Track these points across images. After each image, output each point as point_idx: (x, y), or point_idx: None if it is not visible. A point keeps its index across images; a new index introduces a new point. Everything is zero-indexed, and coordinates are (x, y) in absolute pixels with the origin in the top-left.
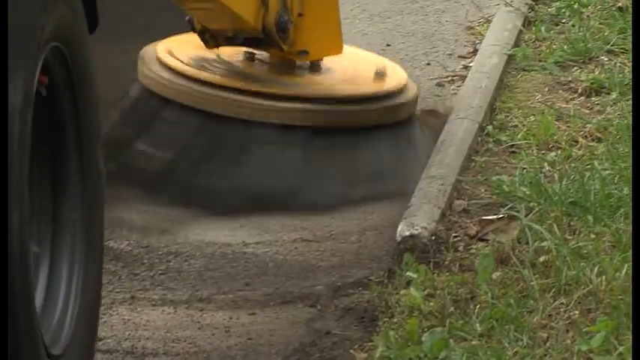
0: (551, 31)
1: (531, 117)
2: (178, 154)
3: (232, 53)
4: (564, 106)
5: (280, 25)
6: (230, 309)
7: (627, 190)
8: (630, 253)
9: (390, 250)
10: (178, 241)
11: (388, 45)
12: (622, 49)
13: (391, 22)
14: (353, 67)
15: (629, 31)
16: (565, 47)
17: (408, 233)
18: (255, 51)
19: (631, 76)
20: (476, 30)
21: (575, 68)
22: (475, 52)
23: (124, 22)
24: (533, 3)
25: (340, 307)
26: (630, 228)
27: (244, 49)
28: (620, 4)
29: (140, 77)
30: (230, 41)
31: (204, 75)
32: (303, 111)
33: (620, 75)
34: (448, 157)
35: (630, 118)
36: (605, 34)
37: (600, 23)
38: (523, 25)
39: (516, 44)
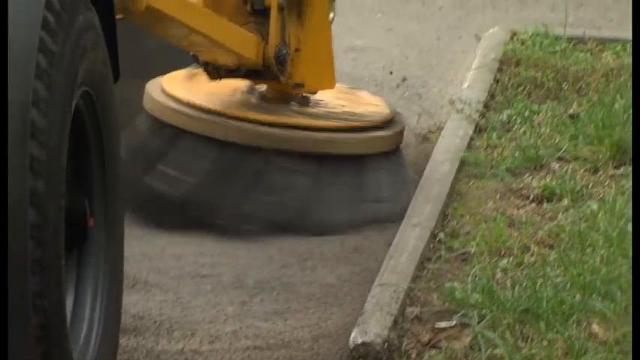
0: (503, 138)
1: (483, 224)
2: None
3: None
4: (516, 212)
5: (279, 58)
6: None
7: (579, 297)
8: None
9: (344, 358)
10: (128, 349)
11: None
12: (573, 155)
13: None
14: (344, 102)
15: (580, 138)
16: (516, 154)
17: (360, 341)
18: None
19: (582, 183)
20: (428, 137)
21: (527, 175)
22: (427, 158)
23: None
24: (485, 110)
25: None
26: (582, 334)
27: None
28: (571, 112)
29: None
30: (232, 73)
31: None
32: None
33: (572, 182)
34: (400, 265)
35: (582, 225)
36: (556, 141)
37: (551, 130)
38: (474, 132)
39: (468, 151)
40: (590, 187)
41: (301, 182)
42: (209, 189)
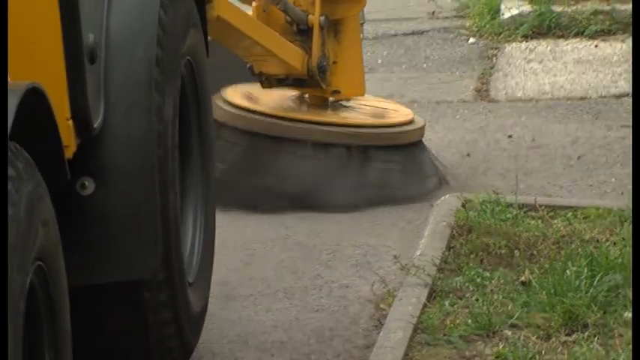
0: (455, 305)
1: None
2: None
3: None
4: None
5: (321, 68)
6: None
7: None
8: None
9: None
10: None
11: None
12: (526, 322)
13: (297, 298)
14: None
15: (533, 305)
16: (469, 321)
17: None
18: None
19: (535, 350)
20: (381, 304)
21: (480, 342)
22: (380, 326)
23: None
24: (437, 277)
25: None
26: None
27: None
28: (522, 279)
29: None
30: (281, 82)
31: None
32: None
33: (524, 349)
34: None
35: None
36: (509, 307)
37: (503, 297)
38: (427, 300)
39: (421, 318)
40: (542, 354)
41: None
42: None
